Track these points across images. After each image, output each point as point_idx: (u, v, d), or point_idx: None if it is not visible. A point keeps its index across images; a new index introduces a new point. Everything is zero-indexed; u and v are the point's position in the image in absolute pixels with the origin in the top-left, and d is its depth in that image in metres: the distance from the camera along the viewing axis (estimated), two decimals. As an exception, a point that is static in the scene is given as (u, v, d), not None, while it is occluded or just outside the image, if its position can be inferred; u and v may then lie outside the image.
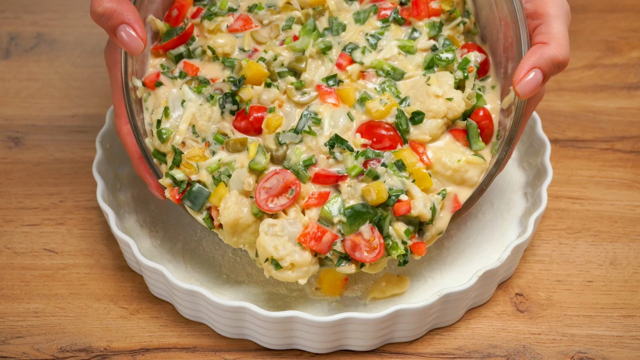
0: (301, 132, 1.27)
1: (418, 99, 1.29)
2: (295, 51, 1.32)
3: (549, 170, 1.39)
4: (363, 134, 1.27)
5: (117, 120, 1.31)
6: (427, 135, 1.27)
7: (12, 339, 1.30)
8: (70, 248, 1.41)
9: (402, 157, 1.26)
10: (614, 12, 1.77)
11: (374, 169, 1.24)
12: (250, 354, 1.29)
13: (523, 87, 1.22)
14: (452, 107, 1.27)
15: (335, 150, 1.25)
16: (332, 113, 1.28)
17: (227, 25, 1.35)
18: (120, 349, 1.30)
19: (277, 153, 1.26)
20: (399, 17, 1.35)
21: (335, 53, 1.32)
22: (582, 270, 1.39)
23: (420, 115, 1.27)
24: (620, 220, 1.45)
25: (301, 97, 1.29)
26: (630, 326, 1.33)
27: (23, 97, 1.61)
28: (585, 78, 1.66)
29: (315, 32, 1.33)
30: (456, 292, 1.26)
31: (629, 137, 1.56)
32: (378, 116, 1.27)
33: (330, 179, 1.25)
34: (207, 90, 1.30)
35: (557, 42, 1.23)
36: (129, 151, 1.31)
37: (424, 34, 1.34)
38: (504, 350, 1.30)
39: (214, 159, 1.27)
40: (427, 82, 1.29)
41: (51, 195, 1.47)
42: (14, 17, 1.75)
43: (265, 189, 1.24)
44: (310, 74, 1.31)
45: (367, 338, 1.27)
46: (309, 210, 1.24)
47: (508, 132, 1.28)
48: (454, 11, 1.35)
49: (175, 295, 1.29)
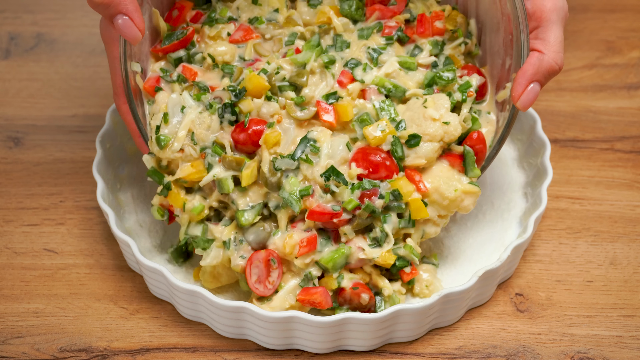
0: (298, 159, 1.27)
1: (414, 121, 1.29)
2: (297, 64, 1.32)
3: (549, 170, 1.39)
4: (359, 163, 1.27)
5: (117, 98, 1.31)
6: (422, 159, 1.28)
7: (12, 339, 1.30)
8: (70, 248, 1.41)
9: (398, 186, 1.27)
10: (614, 12, 1.77)
11: (371, 204, 1.25)
12: (250, 354, 1.29)
13: (523, 102, 1.25)
14: (449, 131, 1.28)
15: (330, 183, 1.26)
16: (331, 142, 1.28)
17: (227, 33, 1.35)
18: (120, 349, 1.30)
19: (272, 179, 1.27)
20: (403, 35, 1.36)
21: (337, 68, 1.32)
22: (582, 270, 1.39)
23: (416, 138, 1.27)
24: (620, 220, 1.45)
25: (300, 113, 1.29)
26: (630, 326, 1.32)
27: (23, 97, 1.61)
28: (585, 78, 1.66)
29: (319, 48, 1.33)
30: (456, 292, 1.26)
31: (629, 137, 1.56)
32: (375, 143, 1.27)
33: (325, 216, 1.26)
34: (206, 97, 1.30)
35: (553, 51, 1.25)
36: (130, 129, 1.32)
37: (426, 51, 1.35)
38: (504, 350, 1.30)
39: (209, 176, 1.28)
40: (423, 104, 1.29)
41: (51, 195, 1.47)
42: (14, 17, 1.75)
43: (255, 275, 1.26)
44: (312, 90, 1.31)
45: (367, 338, 1.27)
46: (302, 257, 1.26)
47: (500, 134, 1.29)
48: (457, 31, 1.37)
49: (175, 295, 1.29)
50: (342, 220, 1.26)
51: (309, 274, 1.26)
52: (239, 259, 1.26)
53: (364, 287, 1.26)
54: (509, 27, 1.29)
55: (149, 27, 1.33)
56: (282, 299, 1.26)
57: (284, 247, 1.25)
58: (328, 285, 1.26)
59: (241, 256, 1.26)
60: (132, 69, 1.29)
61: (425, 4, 1.38)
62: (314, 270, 1.26)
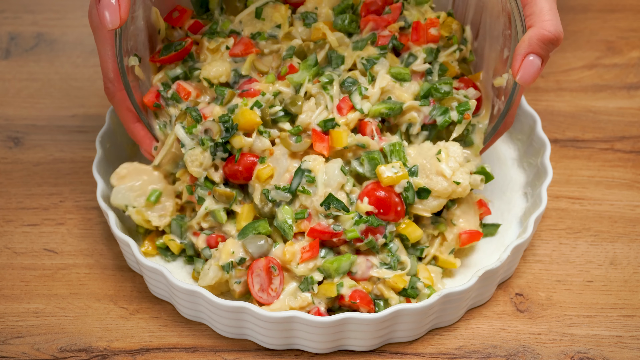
0: (294, 191, 1.28)
1: (425, 172, 1.30)
2: (293, 84, 1.32)
3: (549, 170, 1.39)
4: (370, 200, 1.27)
5: (111, 85, 1.30)
6: (428, 212, 1.30)
7: (12, 339, 1.30)
8: (70, 248, 1.41)
9: (406, 232, 1.29)
10: (614, 12, 1.77)
11: (374, 241, 1.27)
12: (250, 354, 1.29)
13: (523, 77, 1.23)
14: (457, 191, 1.30)
15: (331, 212, 1.26)
16: (325, 169, 1.28)
17: (227, 47, 1.35)
18: (120, 349, 1.30)
19: (264, 209, 1.28)
20: (397, 43, 1.36)
21: (335, 90, 1.32)
22: (582, 270, 1.39)
23: (426, 192, 1.29)
24: (620, 220, 1.45)
25: (295, 144, 1.30)
26: (630, 326, 1.32)
27: (23, 97, 1.61)
28: (585, 78, 1.66)
29: (315, 68, 1.33)
30: (456, 292, 1.26)
31: (629, 137, 1.56)
32: (388, 183, 1.28)
33: (325, 234, 1.26)
34: (197, 131, 1.30)
35: (541, 20, 1.23)
36: (123, 117, 1.32)
37: (420, 59, 1.36)
38: (504, 350, 1.30)
39: (201, 210, 1.30)
40: (436, 155, 1.30)
41: (51, 195, 1.47)
42: (14, 17, 1.75)
43: (258, 284, 1.26)
44: (308, 116, 1.31)
45: (367, 338, 1.27)
46: (306, 262, 1.26)
47: (498, 117, 1.31)
48: (452, 37, 1.37)
49: (175, 295, 1.29)
50: (341, 240, 1.27)
51: (310, 278, 1.26)
52: (234, 285, 1.27)
53: (363, 300, 1.26)
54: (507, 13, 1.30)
55: (148, 23, 1.33)
56: (282, 302, 1.26)
57: (283, 254, 1.25)
58: (327, 291, 1.26)
59: (236, 282, 1.27)
60: (129, 64, 1.30)
61: (420, 10, 1.38)
62: (316, 274, 1.26)
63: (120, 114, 1.32)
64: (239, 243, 1.27)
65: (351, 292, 1.26)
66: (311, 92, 1.32)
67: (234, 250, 1.26)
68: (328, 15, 1.38)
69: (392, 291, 1.28)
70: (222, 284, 1.29)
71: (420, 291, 1.28)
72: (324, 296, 1.26)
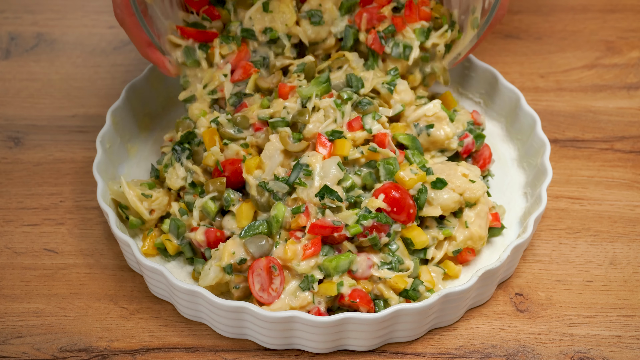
0: (292, 183, 1.29)
1: (444, 172, 1.33)
2: (302, 96, 1.35)
3: (549, 170, 1.39)
4: (387, 198, 1.28)
5: (120, 12, 1.32)
6: (438, 210, 1.31)
7: (12, 339, 1.30)
8: (70, 248, 1.41)
9: (411, 236, 1.30)
10: (614, 12, 1.77)
11: (377, 238, 1.27)
12: (250, 354, 1.29)
13: None
14: (471, 188, 1.32)
15: (326, 201, 1.27)
16: (322, 164, 1.29)
17: (225, 75, 1.38)
18: (120, 349, 1.30)
19: (261, 200, 1.29)
20: (392, 29, 1.40)
21: (348, 107, 1.35)
22: (581, 270, 1.39)
23: (443, 183, 1.31)
24: (620, 220, 1.45)
25: (292, 144, 1.31)
26: (630, 326, 1.33)
27: (23, 97, 1.61)
28: (585, 78, 1.66)
29: (325, 85, 1.36)
30: (456, 292, 1.26)
31: (628, 137, 1.56)
32: (411, 185, 1.30)
33: (326, 229, 1.26)
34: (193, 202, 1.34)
35: None
36: (136, 41, 1.35)
37: (415, 47, 1.40)
38: (503, 350, 1.30)
39: (195, 214, 1.33)
40: (457, 163, 1.35)
41: (51, 195, 1.47)
42: (14, 17, 1.75)
43: (258, 283, 1.26)
44: (315, 126, 1.33)
45: (367, 338, 1.27)
46: (308, 259, 1.26)
47: (491, 7, 1.33)
48: (442, 18, 1.41)
49: (175, 295, 1.29)
50: (342, 235, 1.27)
51: (311, 276, 1.26)
52: (233, 290, 1.28)
53: (363, 300, 1.26)
54: None
55: None
56: (282, 301, 1.26)
57: (285, 252, 1.25)
58: (327, 290, 1.26)
59: (235, 287, 1.27)
60: None
61: None
62: (316, 273, 1.26)
63: (133, 39, 1.35)
64: (239, 243, 1.27)
65: (351, 292, 1.26)
66: (319, 106, 1.34)
67: (235, 250, 1.26)
68: (332, 12, 1.40)
69: (392, 291, 1.28)
70: (222, 284, 1.29)
71: (421, 294, 1.28)
72: (324, 295, 1.26)
